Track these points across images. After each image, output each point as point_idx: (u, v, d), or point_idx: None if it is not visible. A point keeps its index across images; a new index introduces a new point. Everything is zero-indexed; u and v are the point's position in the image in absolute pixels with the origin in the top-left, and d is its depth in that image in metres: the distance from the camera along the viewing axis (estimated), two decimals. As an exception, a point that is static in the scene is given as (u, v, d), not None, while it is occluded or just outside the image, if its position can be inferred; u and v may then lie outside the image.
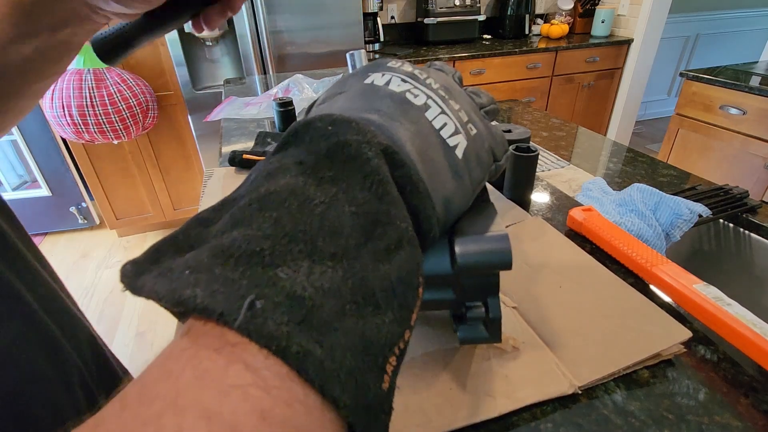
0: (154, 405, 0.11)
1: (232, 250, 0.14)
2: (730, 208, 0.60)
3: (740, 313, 0.35)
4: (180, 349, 0.12)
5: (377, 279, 0.15)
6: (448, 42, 2.35)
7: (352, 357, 0.13)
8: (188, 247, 0.15)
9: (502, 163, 0.27)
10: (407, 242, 0.17)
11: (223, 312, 0.12)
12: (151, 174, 2.02)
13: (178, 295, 0.12)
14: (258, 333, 0.12)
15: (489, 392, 0.31)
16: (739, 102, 1.52)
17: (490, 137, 0.26)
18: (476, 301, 0.28)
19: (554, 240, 0.49)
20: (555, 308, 0.39)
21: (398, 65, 0.25)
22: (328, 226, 0.15)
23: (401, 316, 0.15)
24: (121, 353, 1.53)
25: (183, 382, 0.11)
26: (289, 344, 0.12)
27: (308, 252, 0.14)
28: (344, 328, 0.13)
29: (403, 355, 0.15)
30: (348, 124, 0.18)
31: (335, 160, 0.17)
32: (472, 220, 0.27)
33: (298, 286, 0.13)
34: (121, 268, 0.14)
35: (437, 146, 0.22)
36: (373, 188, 0.17)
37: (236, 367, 0.11)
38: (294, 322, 0.12)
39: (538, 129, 0.95)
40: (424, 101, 0.23)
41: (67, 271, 1.98)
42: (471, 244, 0.25)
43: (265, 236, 0.14)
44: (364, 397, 0.13)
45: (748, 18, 3.35)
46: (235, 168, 0.74)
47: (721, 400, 0.32)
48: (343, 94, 0.24)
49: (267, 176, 0.17)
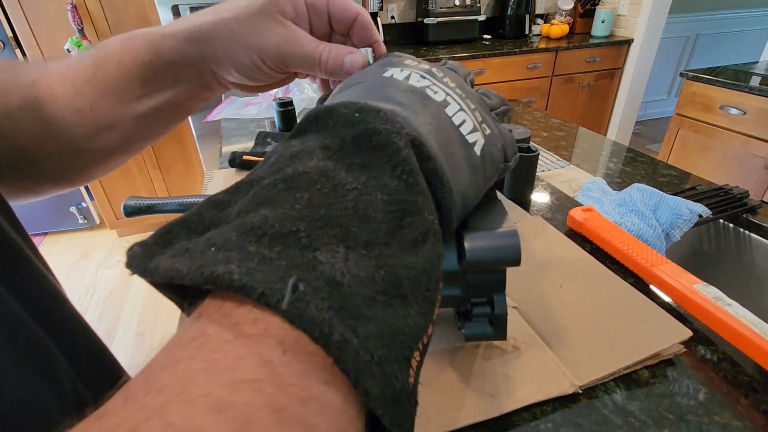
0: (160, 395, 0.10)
1: (265, 228, 0.13)
2: (730, 208, 0.60)
3: (740, 313, 0.35)
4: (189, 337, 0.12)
5: (405, 270, 0.15)
6: (448, 42, 2.35)
7: (381, 348, 0.12)
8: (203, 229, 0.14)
9: (511, 164, 0.28)
10: (433, 234, 0.17)
11: (264, 292, 0.11)
12: (152, 174, 2.02)
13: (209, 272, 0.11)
14: (301, 317, 0.11)
15: (490, 392, 0.31)
16: (739, 102, 1.52)
17: (502, 138, 0.27)
18: (482, 298, 0.28)
19: (554, 240, 0.49)
20: (555, 308, 0.39)
21: (415, 63, 0.25)
22: (362, 211, 0.15)
23: (426, 309, 0.15)
24: (121, 353, 1.53)
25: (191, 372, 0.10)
26: (332, 332, 0.11)
27: (342, 237, 0.14)
28: (375, 318, 0.13)
29: (425, 351, 0.15)
30: (376, 113, 0.18)
31: (363, 147, 0.17)
32: (481, 217, 0.27)
33: (337, 272, 0.13)
34: (127, 251, 0.13)
35: (457, 142, 0.22)
36: (404, 177, 0.17)
37: (250, 360, 0.11)
38: (333, 309, 0.12)
39: (538, 129, 0.95)
40: (444, 98, 0.23)
41: (67, 271, 1.98)
42: (480, 240, 0.25)
43: (300, 217, 0.14)
44: (392, 389, 0.12)
45: (748, 18, 3.35)
46: (235, 169, 0.74)
47: (721, 400, 0.32)
48: (362, 85, 0.24)
49: (291, 158, 0.17)
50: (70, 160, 0.31)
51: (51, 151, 0.29)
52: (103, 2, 1.67)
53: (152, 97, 0.30)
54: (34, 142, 0.29)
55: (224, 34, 0.27)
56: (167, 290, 0.14)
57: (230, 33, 0.27)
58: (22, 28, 1.62)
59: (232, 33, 0.27)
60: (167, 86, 0.30)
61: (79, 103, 0.28)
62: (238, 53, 0.28)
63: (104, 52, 0.29)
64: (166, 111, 0.31)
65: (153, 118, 0.31)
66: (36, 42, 1.65)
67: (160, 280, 0.12)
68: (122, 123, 0.30)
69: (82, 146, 0.30)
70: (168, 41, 0.28)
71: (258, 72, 0.29)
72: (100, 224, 2.29)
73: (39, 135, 0.28)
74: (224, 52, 0.28)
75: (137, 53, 0.28)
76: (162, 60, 0.28)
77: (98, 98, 0.29)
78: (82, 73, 0.29)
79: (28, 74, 0.29)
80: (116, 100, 0.29)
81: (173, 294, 0.15)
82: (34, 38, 1.64)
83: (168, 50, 0.28)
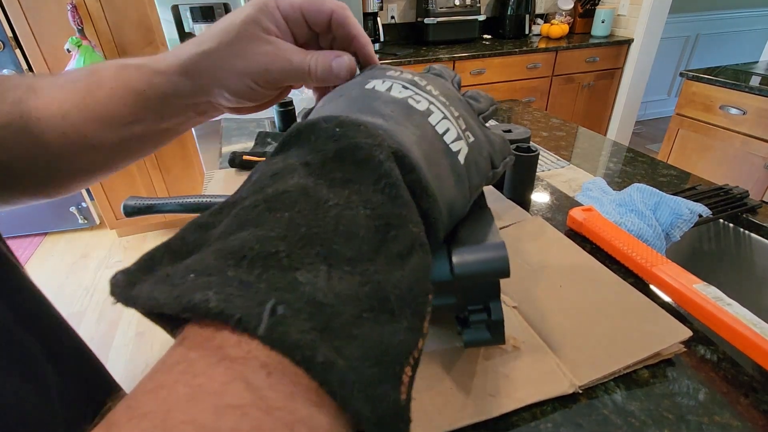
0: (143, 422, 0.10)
1: (244, 251, 0.13)
2: (730, 208, 0.60)
3: (740, 313, 0.35)
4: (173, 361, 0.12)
5: (391, 285, 0.14)
6: (448, 42, 2.35)
7: (370, 367, 0.12)
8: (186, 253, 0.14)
9: (499, 170, 0.27)
10: (419, 247, 0.16)
11: (241, 318, 0.11)
12: (151, 174, 2.02)
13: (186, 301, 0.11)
14: (281, 341, 0.11)
15: (489, 392, 0.31)
16: (739, 102, 1.52)
17: (488, 145, 0.26)
18: (478, 305, 0.29)
19: (554, 239, 0.49)
20: (555, 308, 0.39)
21: (398, 74, 0.25)
22: (344, 228, 0.15)
23: (415, 323, 0.15)
24: (120, 353, 1.53)
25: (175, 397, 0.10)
26: (315, 354, 0.11)
27: (324, 255, 0.14)
28: (362, 336, 0.13)
29: (417, 365, 0.14)
30: (357, 127, 0.18)
31: (345, 162, 0.17)
32: (469, 228, 0.27)
33: (319, 292, 0.12)
34: (110, 279, 0.13)
35: (441, 151, 0.22)
36: (386, 191, 0.16)
37: (235, 385, 0.11)
38: (316, 330, 0.12)
39: (538, 129, 0.95)
40: (427, 107, 0.23)
41: (67, 271, 1.98)
42: (468, 255, 0.25)
43: (279, 237, 0.13)
44: (382, 408, 0.12)
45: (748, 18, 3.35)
46: (235, 170, 0.74)
47: (721, 400, 0.32)
48: (343, 98, 0.24)
49: (272, 177, 0.17)
50: (51, 177, 0.31)
51: (32, 167, 0.29)
52: (103, 2, 1.67)
53: (141, 123, 0.29)
54: (16, 158, 0.28)
55: (210, 65, 0.27)
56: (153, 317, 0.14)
57: (216, 62, 0.27)
58: (22, 28, 1.61)
59: (218, 62, 0.27)
60: (158, 115, 0.30)
61: (64, 126, 0.28)
62: (230, 81, 0.27)
63: (97, 78, 0.29)
64: (155, 135, 0.31)
65: (140, 141, 0.31)
66: (36, 42, 1.65)
67: (142, 310, 0.12)
68: (107, 145, 0.30)
69: (65, 165, 0.30)
70: (161, 76, 0.28)
71: (253, 94, 0.28)
72: (100, 224, 2.29)
73: (21, 153, 0.28)
74: (215, 81, 0.28)
75: (130, 83, 0.28)
76: (156, 91, 0.28)
77: (86, 123, 0.28)
78: (72, 97, 0.28)
79: (15, 92, 0.28)
80: (104, 124, 0.29)
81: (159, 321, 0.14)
82: (34, 38, 1.64)
83: (160, 83, 0.28)
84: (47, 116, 0.28)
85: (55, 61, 1.69)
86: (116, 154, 0.31)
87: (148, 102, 0.28)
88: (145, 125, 0.30)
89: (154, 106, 0.29)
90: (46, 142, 0.28)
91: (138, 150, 0.32)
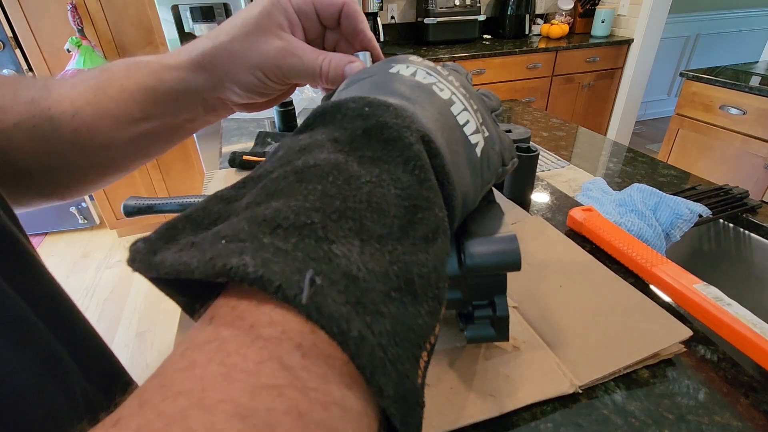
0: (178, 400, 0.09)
1: (278, 220, 0.13)
2: (730, 208, 0.60)
3: (740, 313, 0.35)
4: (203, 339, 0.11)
5: (417, 267, 0.14)
6: (448, 42, 2.35)
7: (395, 345, 0.12)
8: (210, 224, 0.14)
9: (508, 168, 0.28)
10: (442, 232, 0.16)
11: (281, 285, 0.11)
12: (151, 174, 2.02)
13: (221, 264, 0.11)
14: (320, 312, 0.11)
15: (490, 392, 0.31)
16: (739, 102, 1.52)
17: (500, 142, 0.26)
18: (483, 300, 0.29)
19: (554, 239, 0.49)
20: (555, 308, 0.39)
21: (420, 60, 0.25)
22: (376, 205, 0.14)
23: (434, 308, 0.15)
24: (121, 353, 1.53)
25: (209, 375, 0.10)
26: (350, 327, 0.11)
27: (357, 230, 0.14)
28: (391, 315, 0.13)
29: (432, 351, 0.15)
30: (386, 107, 0.18)
31: (374, 141, 0.17)
32: (479, 221, 0.27)
33: (353, 266, 0.12)
34: (130, 246, 0.12)
35: (461, 141, 0.22)
36: (416, 173, 0.16)
37: (270, 365, 0.10)
38: (350, 303, 0.12)
39: (538, 129, 0.95)
40: (450, 96, 0.23)
41: (67, 271, 1.98)
42: (479, 246, 0.25)
43: (313, 208, 0.13)
44: (404, 388, 0.12)
45: (748, 18, 3.35)
46: (235, 169, 0.74)
47: (721, 400, 0.32)
48: (368, 80, 0.23)
49: (300, 151, 0.16)
50: (64, 176, 0.31)
51: (44, 167, 0.29)
52: (103, 2, 1.67)
53: (151, 120, 0.30)
54: (28, 158, 0.28)
55: (225, 59, 0.28)
56: (172, 289, 0.14)
57: (230, 56, 0.27)
58: (22, 28, 1.61)
59: (232, 55, 0.27)
60: (168, 111, 0.30)
61: (76, 124, 0.28)
62: (241, 73, 0.28)
63: (108, 75, 0.29)
64: (165, 134, 0.31)
65: (151, 139, 0.31)
66: (36, 42, 1.65)
67: (167, 276, 0.11)
68: (118, 144, 0.30)
69: (76, 164, 0.30)
70: (171, 72, 0.28)
71: (263, 88, 0.29)
72: (100, 224, 2.29)
73: (33, 152, 0.28)
74: (227, 76, 0.28)
75: (141, 79, 0.29)
76: (166, 88, 0.29)
77: (96, 120, 0.29)
78: (83, 94, 0.29)
79: (28, 92, 0.28)
80: (114, 121, 0.29)
81: (178, 294, 0.14)
82: (34, 38, 1.64)
83: (171, 79, 0.28)
84: (59, 114, 0.28)
85: (55, 61, 1.69)
86: (127, 153, 0.31)
87: (157, 98, 0.29)
88: (155, 122, 0.30)
89: (164, 102, 0.29)
90: (58, 140, 0.28)
91: (148, 149, 0.32)
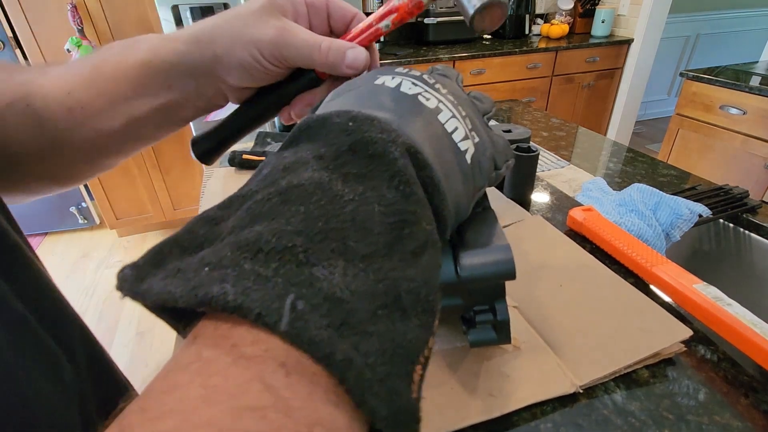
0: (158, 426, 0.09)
1: (260, 244, 0.13)
2: (730, 208, 0.60)
3: (740, 313, 0.35)
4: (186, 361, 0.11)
5: (405, 282, 0.14)
6: (448, 42, 2.35)
7: (384, 364, 0.12)
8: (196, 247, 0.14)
9: (502, 172, 0.28)
10: (431, 245, 0.16)
11: (261, 312, 0.11)
12: (151, 174, 2.02)
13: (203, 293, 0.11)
14: (301, 338, 0.11)
15: (490, 392, 0.31)
16: (739, 102, 1.52)
17: (492, 146, 0.26)
18: (483, 306, 0.29)
19: (555, 239, 0.49)
20: (556, 307, 0.39)
21: (406, 71, 0.25)
22: (360, 224, 0.14)
23: (426, 321, 0.15)
24: (121, 353, 1.53)
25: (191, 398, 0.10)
26: (334, 351, 0.11)
27: (341, 251, 0.14)
28: (377, 333, 0.13)
29: (427, 364, 0.14)
30: (370, 122, 0.18)
31: (358, 157, 0.17)
32: (474, 230, 0.27)
33: (336, 288, 0.12)
34: (117, 273, 0.13)
35: (450, 149, 0.22)
36: (401, 188, 0.16)
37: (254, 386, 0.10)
38: (334, 326, 0.11)
39: (538, 129, 0.95)
40: (436, 104, 0.23)
41: (67, 271, 1.98)
42: (474, 258, 0.25)
43: (296, 231, 0.13)
44: (397, 406, 0.12)
45: (748, 18, 3.35)
46: (235, 168, 0.74)
47: (721, 400, 0.32)
48: (353, 92, 0.24)
49: (284, 170, 0.16)
50: (58, 158, 0.31)
51: (38, 148, 0.29)
52: (103, 2, 1.67)
53: (143, 99, 0.30)
54: (22, 139, 0.28)
55: (224, 32, 0.28)
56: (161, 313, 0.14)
57: (230, 30, 0.28)
58: (22, 28, 1.61)
59: (232, 29, 0.28)
60: (160, 90, 0.30)
61: (69, 102, 0.28)
62: (237, 49, 0.28)
63: (104, 54, 0.29)
64: (157, 115, 0.31)
65: (143, 121, 0.31)
66: (36, 42, 1.65)
67: (153, 304, 0.12)
68: (111, 124, 0.30)
69: (69, 145, 0.30)
70: (168, 43, 0.28)
71: (257, 67, 0.28)
72: (100, 224, 2.29)
73: (26, 132, 0.28)
74: (223, 50, 0.28)
75: (136, 53, 0.29)
76: (159, 60, 0.28)
77: (90, 98, 0.29)
78: (78, 73, 0.29)
79: (24, 74, 0.29)
80: (107, 100, 0.29)
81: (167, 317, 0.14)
82: (34, 38, 1.64)
83: (167, 51, 0.28)
84: (53, 94, 0.28)
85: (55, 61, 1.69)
86: (121, 135, 0.31)
87: (149, 72, 0.29)
88: (146, 102, 0.30)
89: (156, 76, 0.29)
90: (51, 119, 0.28)
91: (142, 133, 0.32)
